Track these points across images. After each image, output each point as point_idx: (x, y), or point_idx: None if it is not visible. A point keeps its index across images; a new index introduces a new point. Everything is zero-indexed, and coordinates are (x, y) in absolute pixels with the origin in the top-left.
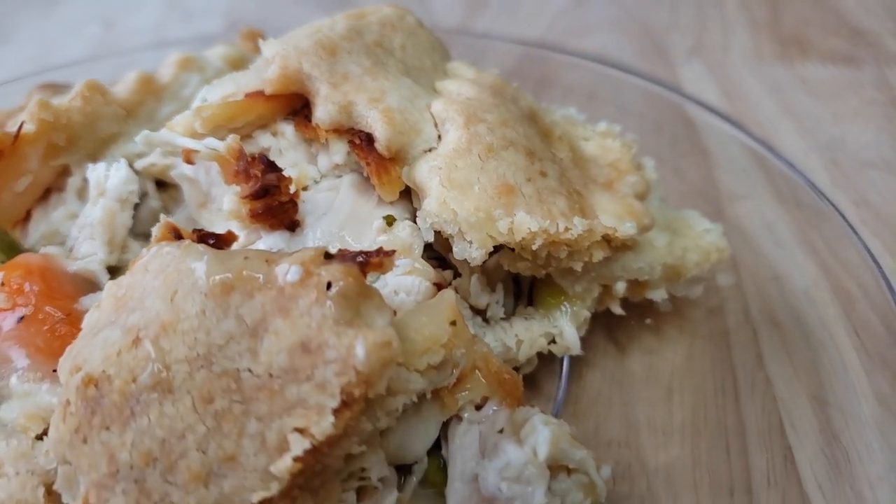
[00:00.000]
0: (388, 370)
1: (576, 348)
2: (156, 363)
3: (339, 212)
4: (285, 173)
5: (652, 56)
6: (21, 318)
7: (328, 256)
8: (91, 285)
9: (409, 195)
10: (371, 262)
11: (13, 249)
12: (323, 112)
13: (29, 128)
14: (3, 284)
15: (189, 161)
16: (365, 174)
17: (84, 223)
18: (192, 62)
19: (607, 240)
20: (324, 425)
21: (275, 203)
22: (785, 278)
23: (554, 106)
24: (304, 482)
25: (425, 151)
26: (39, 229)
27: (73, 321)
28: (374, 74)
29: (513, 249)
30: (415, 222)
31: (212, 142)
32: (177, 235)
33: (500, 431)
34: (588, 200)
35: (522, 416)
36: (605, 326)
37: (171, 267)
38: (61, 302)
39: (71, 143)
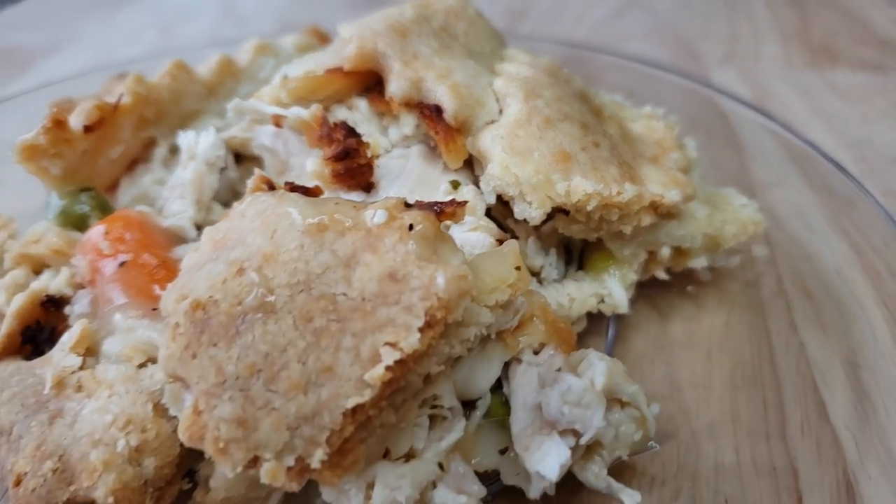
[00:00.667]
0: (464, 300)
1: (623, 307)
2: (260, 288)
3: (409, 177)
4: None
5: (686, 63)
6: (122, 264)
7: (408, 205)
8: (180, 239)
9: (470, 165)
10: (446, 210)
11: (107, 210)
12: (396, 87)
13: (125, 100)
14: (106, 233)
15: (278, 124)
16: (432, 144)
17: (174, 184)
18: (268, 48)
19: (654, 206)
20: (411, 340)
21: (354, 165)
22: (817, 257)
23: (602, 91)
24: (389, 397)
25: (488, 123)
26: (129, 193)
27: (168, 267)
28: (441, 55)
29: (567, 213)
30: (478, 187)
31: (297, 110)
32: (270, 187)
33: (558, 370)
34: (637, 171)
35: (578, 357)
36: (647, 297)
37: (269, 211)
38: (156, 251)
39: (158, 116)
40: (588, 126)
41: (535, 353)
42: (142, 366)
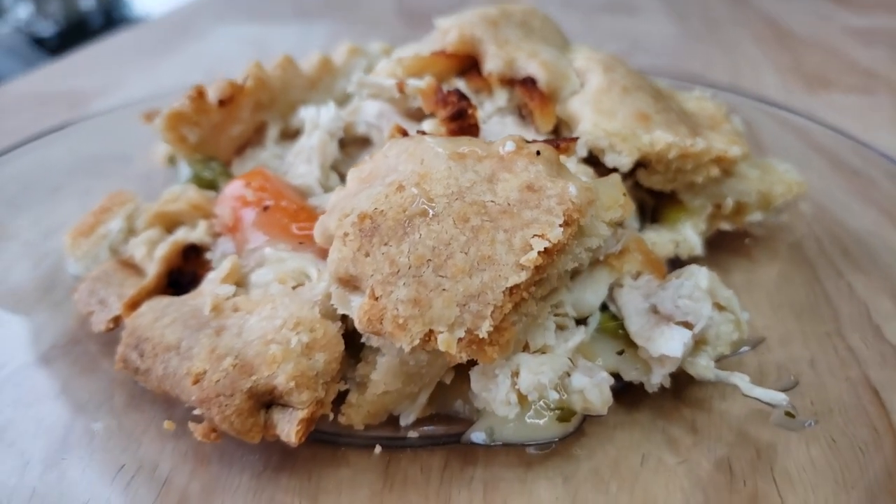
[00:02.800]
0: (591, 207)
1: (698, 247)
2: (421, 198)
3: None
4: None
5: None
6: (265, 208)
7: (527, 141)
8: (308, 197)
9: (555, 132)
10: (561, 145)
11: (230, 177)
12: (493, 65)
13: (249, 83)
14: (247, 184)
15: (401, 91)
16: (522, 114)
17: (299, 150)
18: (359, 50)
19: (719, 160)
20: (556, 232)
21: (466, 125)
22: (848, 222)
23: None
24: (534, 285)
25: (572, 94)
26: (246, 167)
27: (307, 211)
28: (526, 41)
29: (645, 167)
30: None
31: (414, 81)
32: (403, 133)
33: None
34: (700, 133)
35: (677, 273)
36: (707, 256)
37: (412, 147)
38: (292, 199)
39: (270, 102)
40: (656, 96)
41: (634, 278)
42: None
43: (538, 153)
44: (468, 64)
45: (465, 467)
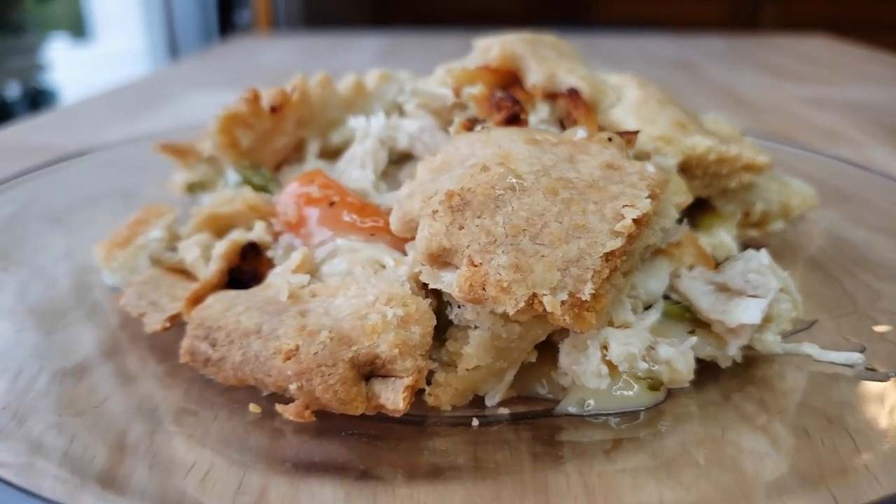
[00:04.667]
0: (667, 185)
1: (734, 249)
2: (509, 175)
3: None
4: None
5: None
6: (332, 203)
7: None
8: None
9: None
10: (623, 136)
11: (279, 185)
12: (535, 79)
13: (296, 95)
14: (311, 181)
15: (458, 96)
16: (564, 126)
17: (352, 157)
18: (389, 77)
19: (750, 167)
20: (644, 203)
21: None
22: (849, 234)
23: None
24: (620, 260)
25: (610, 107)
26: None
27: (372, 206)
28: (561, 59)
29: (684, 172)
30: None
31: (468, 88)
32: (469, 128)
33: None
34: (727, 142)
35: (734, 258)
36: None
37: (484, 137)
38: (356, 196)
39: (311, 119)
40: (685, 111)
41: (689, 269)
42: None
43: (609, 139)
44: (509, 80)
45: (553, 447)
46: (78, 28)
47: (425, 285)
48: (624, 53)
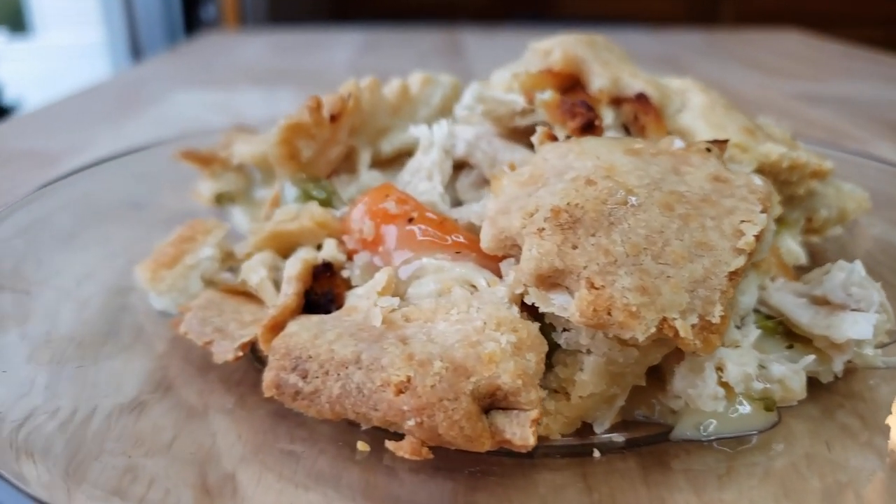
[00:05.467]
0: (773, 197)
1: (802, 257)
2: (619, 189)
3: None
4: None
5: None
6: (411, 219)
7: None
8: None
9: None
10: (717, 144)
11: (339, 199)
12: (600, 83)
13: (351, 101)
14: (387, 196)
15: (530, 100)
16: (629, 131)
17: (417, 168)
18: (431, 81)
19: (816, 173)
20: (761, 217)
21: (596, 135)
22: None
23: None
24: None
25: (676, 112)
26: (349, 191)
27: (451, 222)
28: (622, 64)
29: None
30: None
31: (540, 94)
32: (553, 138)
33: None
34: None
35: (821, 270)
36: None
37: (576, 147)
38: (434, 211)
39: (361, 126)
40: (747, 115)
41: (771, 281)
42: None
43: (708, 150)
44: (569, 84)
45: (665, 470)
46: (17, 22)
47: (526, 308)
48: None
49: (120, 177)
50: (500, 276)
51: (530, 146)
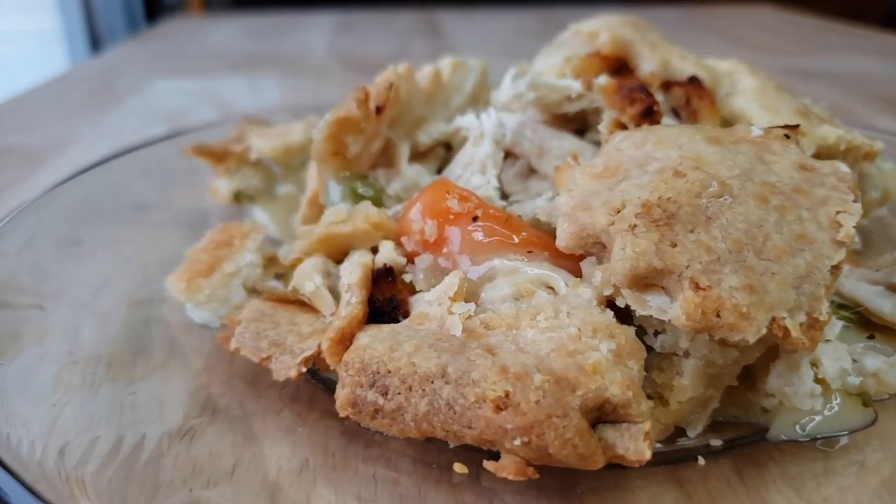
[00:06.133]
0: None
1: (858, 242)
2: (712, 181)
3: None
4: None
5: None
6: (475, 218)
7: None
8: None
9: None
10: (789, 130)
11: (386, 195)
12: (649, 66)
13: (392, 92)
14: (449, 193)
15: (589, 88)
16: (678, 116)
17: (468, 161)
18: (462, 65)
19: (868, 154)
20: (856, 207)
21: (654, 122)
22: None
23: None
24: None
25: (727, 95)
26: (393, 187)
27: (515, 219)
28: (667, 45)
29: None
30: None
31: (602, 77)
32: (622, 127)
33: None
34: None
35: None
36: None
37: (653, 136)
38: (496, 208)
39: (399, 117)
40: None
41: None
42: None
43: (787, 136)
44: (616, 66)
45: (760, 471)
46: None
47: (614, 310)
48: None
49: (120, 177)
50: (577, 275)
51: (576, 132)
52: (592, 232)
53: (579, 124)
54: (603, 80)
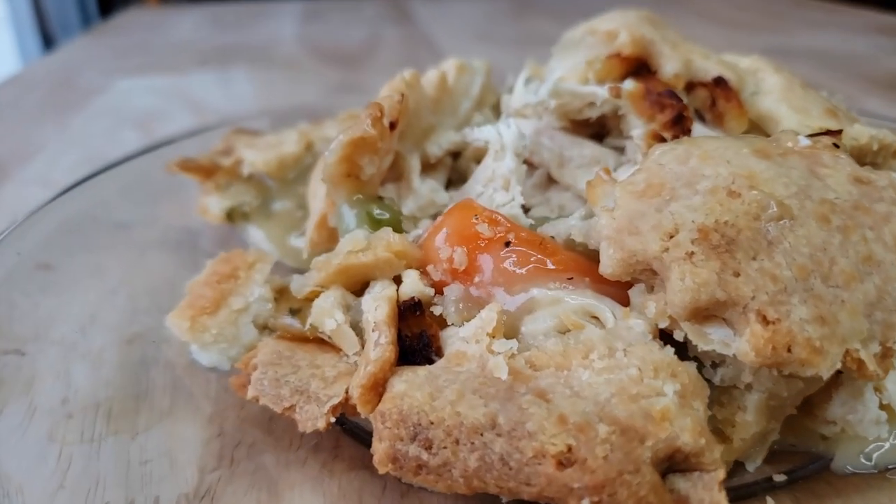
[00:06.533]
0: None
1: None
2: (770, 201)
3: None
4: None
5: None
6: (508, 244)
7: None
8: None
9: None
10: (832, 136)
11: (401, 219)
12: (672, 67)
13: (404, 103)
14: (477, 217)
15: (617, 95)
16: (703, 118)
17: (490, 177)
18: (467, 68)
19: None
20: None
21: (686, 129)
22: None
23: None
24: None
25: (752, 94)
26: (408, 206)
27: (550, 242)
28: (687, 44)
29: None
30: None
31: (628, 82)
32: (660, 139)
33: None
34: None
35: None
36: None
37: (695, 150)
38: (528, 231)
39: (406, 128)
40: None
41: None
42: None
43: (836, 146)
44: (635, 67)
45: (821, 500)
46: None
47: (668, 342)
48: (566, 8)
49: (99, 197)
50: (623, 303)
51: (594, 137)
52: (643, 258)
53: (597, 128)
54: (629, 85)
